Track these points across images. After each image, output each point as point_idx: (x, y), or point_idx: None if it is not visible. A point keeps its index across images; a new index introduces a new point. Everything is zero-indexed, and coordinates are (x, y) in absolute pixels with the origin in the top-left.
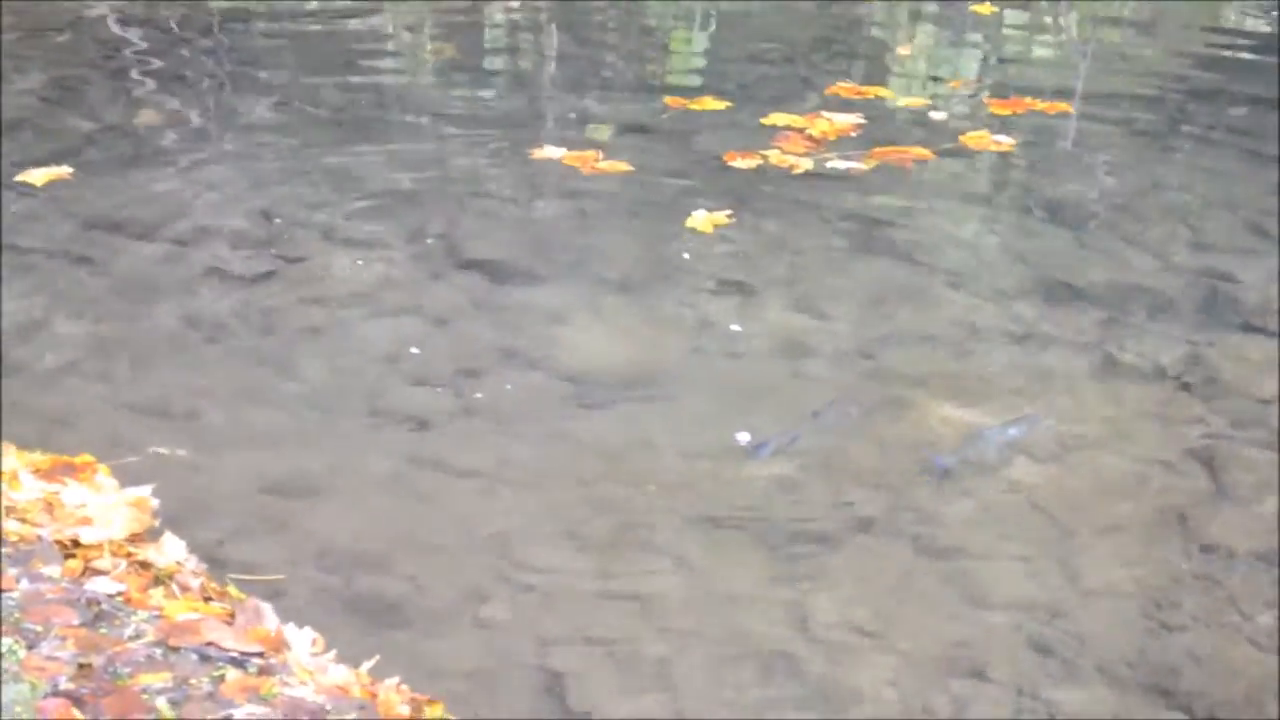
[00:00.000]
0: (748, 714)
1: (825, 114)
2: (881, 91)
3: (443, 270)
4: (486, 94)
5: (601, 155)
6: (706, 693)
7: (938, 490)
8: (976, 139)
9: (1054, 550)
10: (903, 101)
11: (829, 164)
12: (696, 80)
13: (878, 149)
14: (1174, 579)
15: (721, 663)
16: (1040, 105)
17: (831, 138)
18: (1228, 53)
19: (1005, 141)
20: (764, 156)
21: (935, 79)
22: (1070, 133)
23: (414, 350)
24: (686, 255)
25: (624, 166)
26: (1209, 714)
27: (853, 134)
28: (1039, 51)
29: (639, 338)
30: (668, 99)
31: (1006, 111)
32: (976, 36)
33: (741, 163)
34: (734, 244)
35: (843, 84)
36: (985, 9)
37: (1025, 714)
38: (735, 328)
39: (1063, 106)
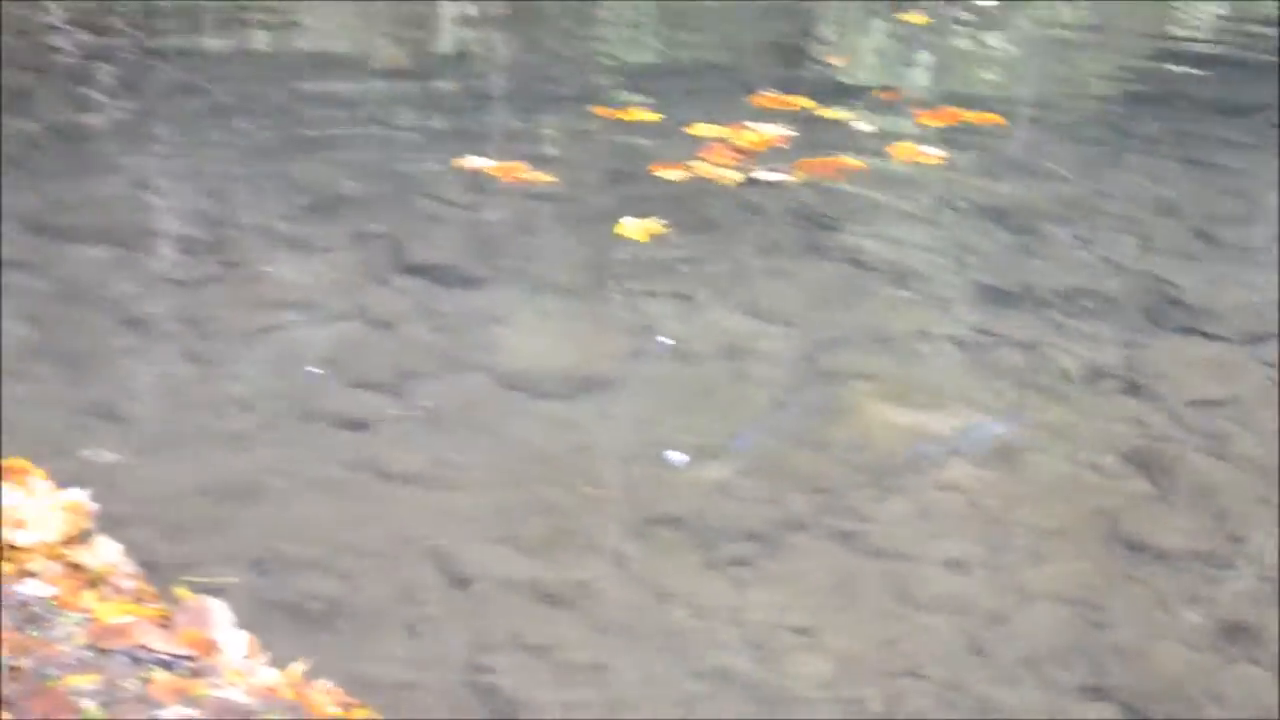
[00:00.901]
0: (681, 713)
1: (751, 125)
2: (807, 102)
3: (385, 274)
4: (429, 100)
5: (527, 166)
6: (640, 692)
7: (875, 491)
8: (905, 150)
9: (990, 551)
10: (828, 113)
11: (757, 175)
12: (633, 89)
13: (806, 160)
14: (1108, 579)
15: (656, 663)
16: (970, 116)
17: (759, 149)
18: (1173, 59)
19: (933, 154)
20: (690, 168)
21: (866, 89)
22: (1003, 142)
23: (353, 353)
24: (624, 261)
25: (548, 178)
26: (1140, 711)
27: (779, 145)
28: (980, 59)
29: (580, 341)
30: (598, 109)
31: (936, 123)
32: (913, 46)
33: (668, 174)
34: (670, 251)
35: (770, 94)
36: (921, 19)
37: (957, 712)
38: (667, 337)
39: (993, 118)
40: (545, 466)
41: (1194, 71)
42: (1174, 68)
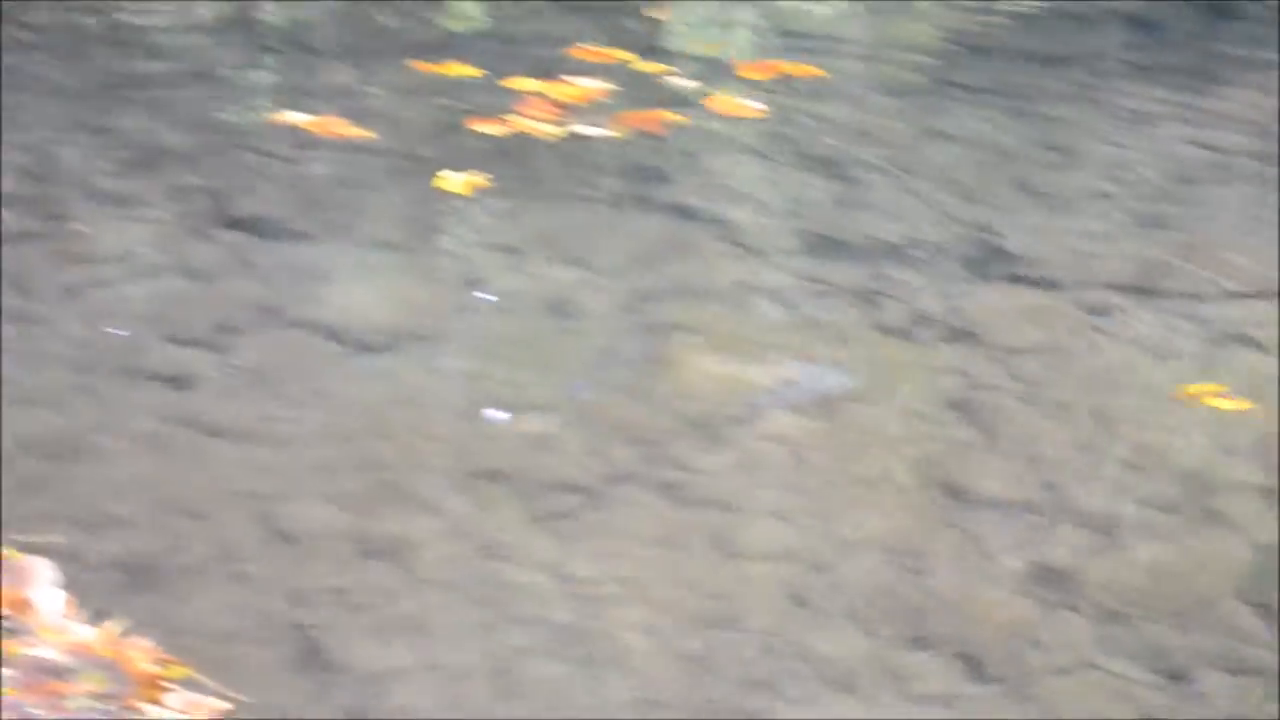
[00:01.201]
0: (503, 663)
1: (570, 79)
2: (626, 55)
3: (205, 228)
4: (256, 54)
5: (344, 120)
6: (461, 643)
7: (698, 442)
8: (725, 103)
9: (813, 501)
10: (648, 67)
11: (576, 130)
12: (455, 42)
13: (627, 114)
14: (928, 527)
15: (478, 616)
16: (790, 69)
17: (578, 103)
18: (1003, 11)
19: (754, 106)
20: (509, 122)
21: (687, 42)
22: (826, 94)
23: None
24: (445, 214)
25: (365, 132)
26: (958, 655)
27: (599, 99)
28: (802, 14)
29: (403, 295)
30: (417, 63)
31: (757, 76)
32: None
33: (487, 129)
34: (494, 204)
35: (588, 47)
36: None
37: (780, 662)
38: (488, 293)
39: (813, 70)
40: (368, 421)
41: (1015, 23)
42: (996, 20)
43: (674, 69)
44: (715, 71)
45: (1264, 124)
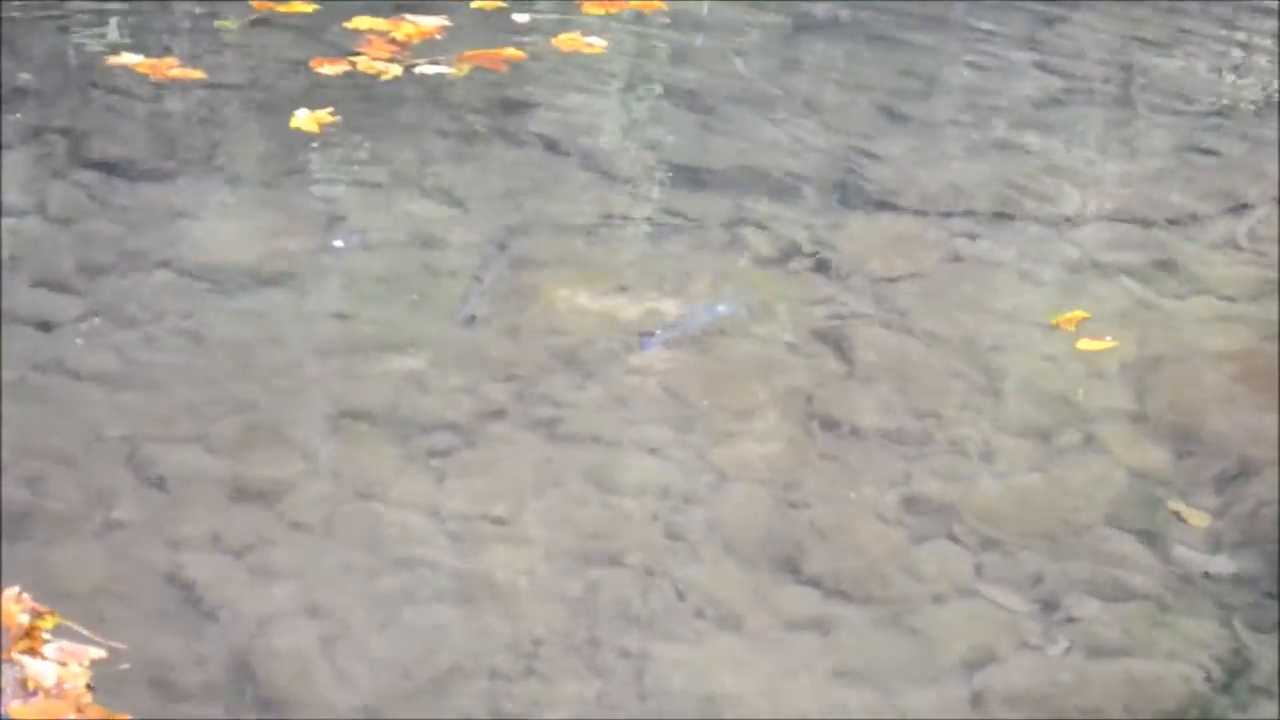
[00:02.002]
0: (380, 606)
1: (410, 17)
2: None
3: (64, 169)
4: None
5: (178, 63)
6: (339, 586)
7: (570, 378)
8: (569, 40)
9: (686, 435)
10: (488, 3)
11: (419, 69)
12: None
13: (469, 52)
14: (802, 459)
15: (354, 557)
16: (637, 3)
17: (415, 41)
18: None
19: (598, 44)
20: (352, 62)
21: None
22: (688, 25)
23: (35, 251)
24: (305, 153)
25: (198, 74)
26: (835, 586)
27: (437, 36)
28: None
29: (268, 233)
30: (255, 2)
31: (600, 10)
32: None
33: (329, 69)
34: (351, 142)
35: None
36: None
37: (655, 596)
38: (342, 240)
39: (659, 4)
40: (236, 362)
41: None
42: None
43: (504, 4)
44: (558, 4)
45: (1116, 50)
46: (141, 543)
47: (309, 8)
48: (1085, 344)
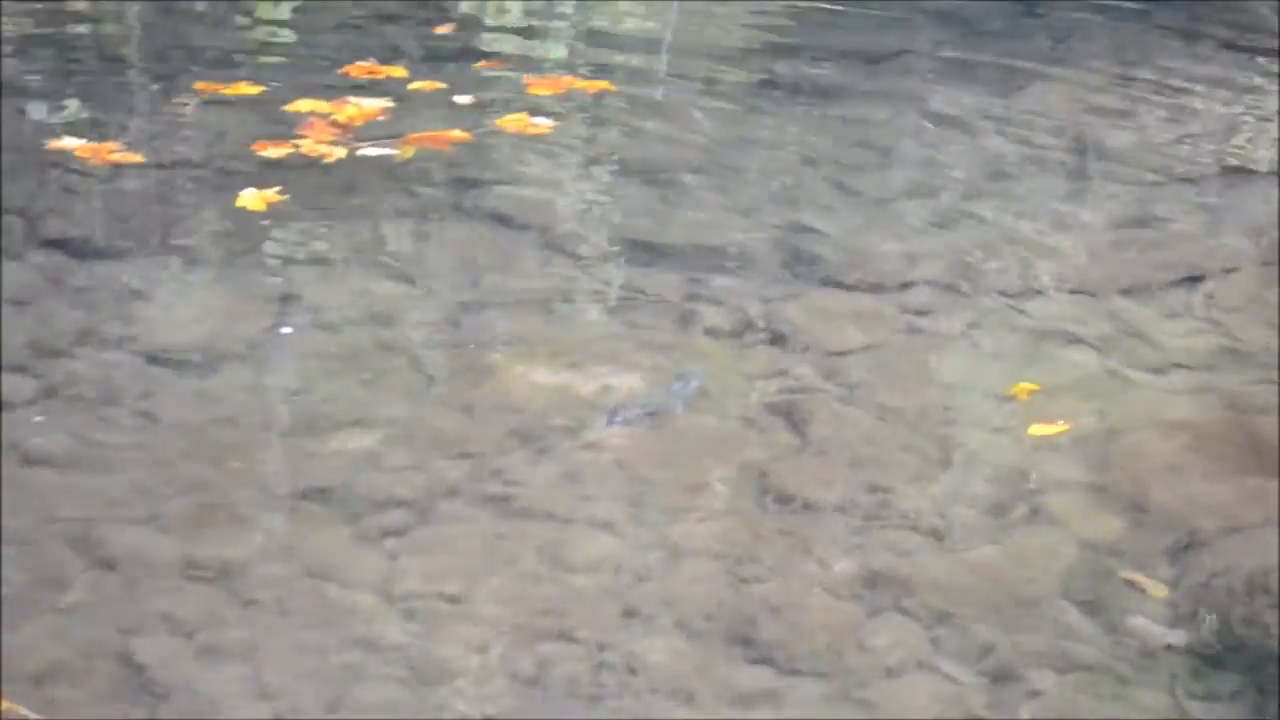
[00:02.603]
0: (332, 686)
1: (352, 99)
2: (396, 72)
3: (17, 249)
4: (61, 73)
5: (120, 146)
6: (290, 666)
7: (524, 455)
8: (516, 121)
9: (639, 511)
10: (427, 85)
11: (362, 151)
12: (241, 61)
13: (413, 134)
14: (755, 534)
15: (307, 637)
16: (581, 84)
17: (358, 123)
18: (811, 15)
19: (544, 124)
20: (295, 145)
21: (471, 57)
22: (636, 105)
23: None
24: (256, 232)
25: (136, 158)
26: (787, 661)
27: (380, 118)
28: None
29: (222, 312)
30: (199, 84)
31: (546, 91)
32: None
33: (273, 152)
34: (302, 221)
35: (361, 63)
36: None
37: (608, 671)
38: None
39: (603, 84)
40: (189, 442)
41: (823, 22)
42: (806, 18)
43: (456, 84)
44: (503, 86)
45: (1070, 119)
46: (92, 624)
47: (254, 89)
48: (1040, 416)
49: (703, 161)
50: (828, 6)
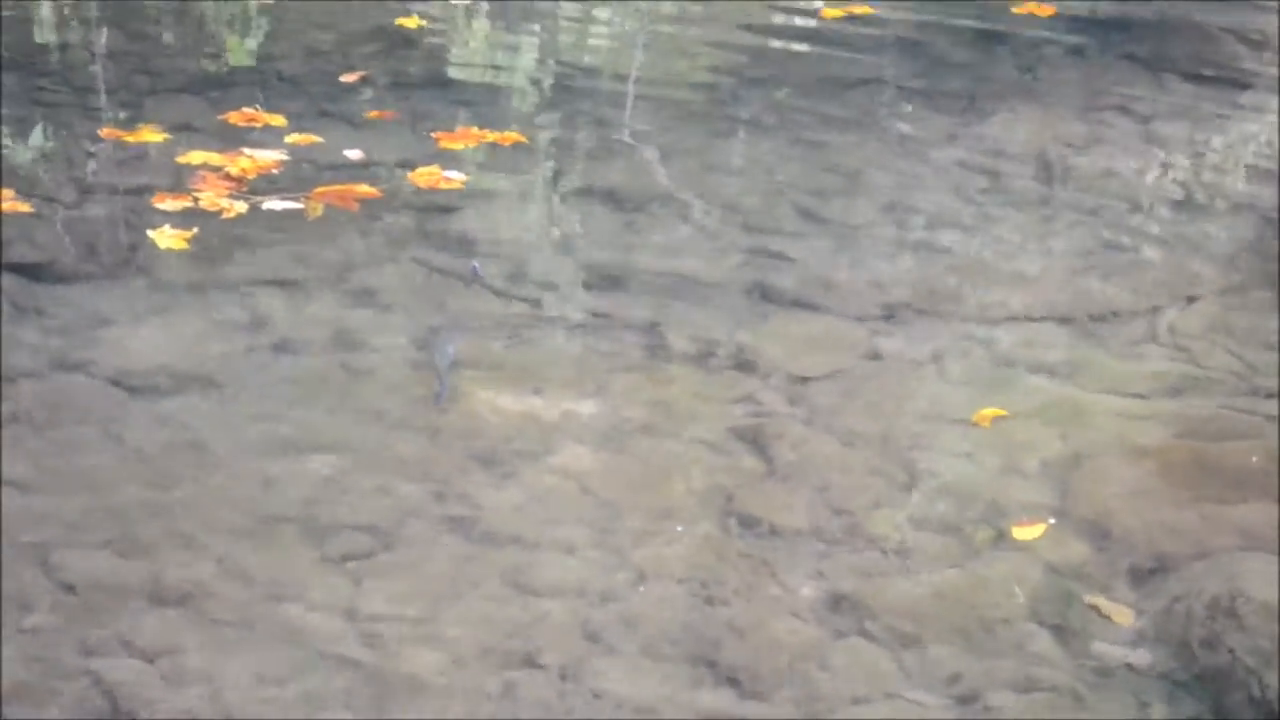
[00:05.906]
0: (295, 709)
1: (246, 151)
2: (274, 120)
3: None
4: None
5: (13, 195)
6: (253, 689)
7: (489, 478)
8: (427, 175)
9: (604, 535)
10: (294, 138)
11: (266, 205)
12: (137, 105)
13: (318, 190)
14: (720, 557)
15: (270, 661)
16: (492, 136)
17: (252, 175)
18: (777, 45)
19: (457, 178)
20: (194, 199)
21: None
22: (608, 126)
23: None
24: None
25: (25, 207)
26: (752, 685)
27: (275, 171)
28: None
29: (187, 337)
30: (104, 130)
31: (457, 145)
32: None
33: (171, 205)
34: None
35: (245, 110)
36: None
37: (573, 694)
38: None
39: (516, 137)
40: (153, 466)
41: (790, 55)
42: (772, 51)
43: (360, 134)
44: (409, 140)
45: (1037, 148)
46: (54, 648)
47: (158, 136)
48: (1005, 440)
49: (668, 189)
50: (796, 40)
